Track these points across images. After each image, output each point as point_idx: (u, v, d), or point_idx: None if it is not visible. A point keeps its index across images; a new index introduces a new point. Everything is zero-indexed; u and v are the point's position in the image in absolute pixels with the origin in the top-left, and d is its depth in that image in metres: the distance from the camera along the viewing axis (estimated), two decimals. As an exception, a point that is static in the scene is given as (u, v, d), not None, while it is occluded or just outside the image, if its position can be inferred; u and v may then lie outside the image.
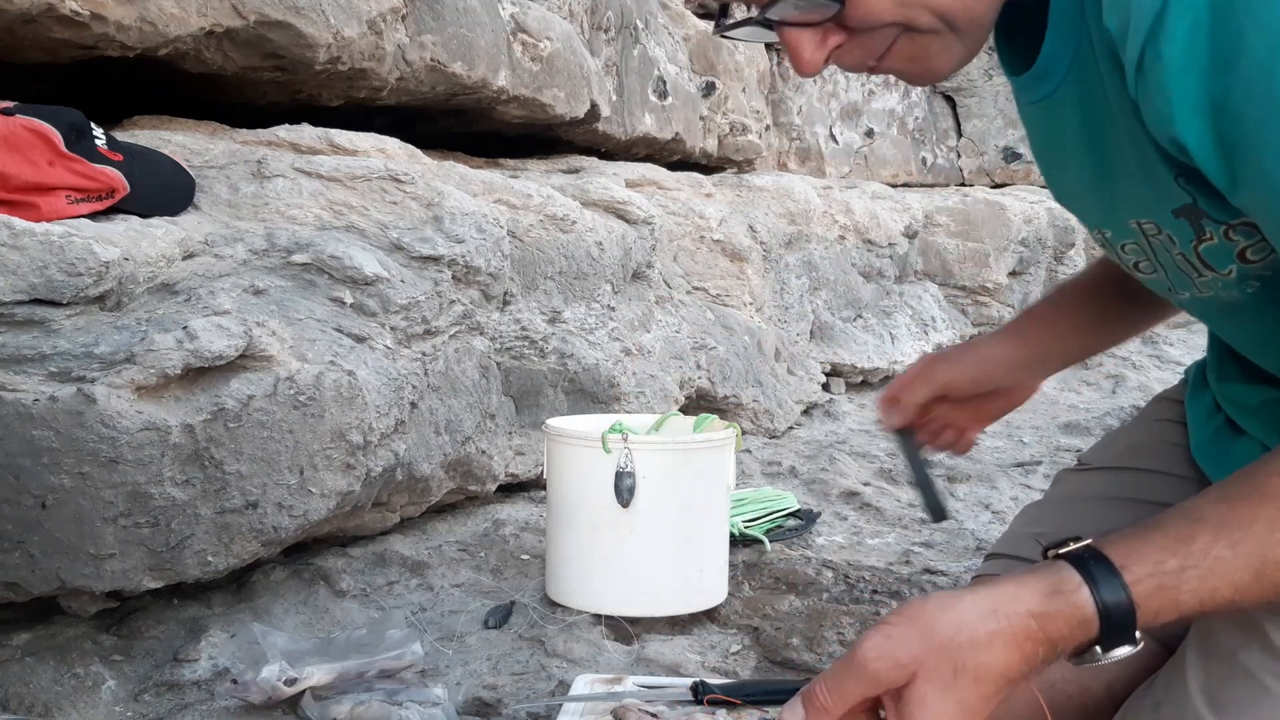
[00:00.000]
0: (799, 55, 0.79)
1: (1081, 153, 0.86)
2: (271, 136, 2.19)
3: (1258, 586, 0.69)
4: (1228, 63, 0.65)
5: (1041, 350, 1.21)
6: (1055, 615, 0.70)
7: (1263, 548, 0.69)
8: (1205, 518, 0.72)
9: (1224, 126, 0.68)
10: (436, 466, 2.07)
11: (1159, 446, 1.06)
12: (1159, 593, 0.70)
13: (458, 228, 2.13)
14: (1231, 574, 0.69)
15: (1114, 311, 1.19)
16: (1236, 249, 0.79)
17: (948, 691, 0.68)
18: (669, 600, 1.85)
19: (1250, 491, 0.72)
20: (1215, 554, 0.70)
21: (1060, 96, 0.83)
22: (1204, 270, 0.83)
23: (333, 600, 1.86)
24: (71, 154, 1.64)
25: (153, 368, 1.49)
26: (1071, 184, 0.92)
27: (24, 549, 1.44)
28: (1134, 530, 0.73)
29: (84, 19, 1.80)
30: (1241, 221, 0.76)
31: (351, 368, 1.76)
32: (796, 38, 0.78)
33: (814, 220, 4.17)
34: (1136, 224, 0.86)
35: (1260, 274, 0.80)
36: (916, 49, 0.79)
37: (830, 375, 4.10)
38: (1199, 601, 0.70)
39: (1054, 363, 1.24)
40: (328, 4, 2.19)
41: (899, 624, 0.71)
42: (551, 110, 3.05)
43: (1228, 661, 0.77)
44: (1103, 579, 0.70)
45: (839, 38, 0.78)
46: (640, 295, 3.02)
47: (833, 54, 0.79)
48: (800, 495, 2.71)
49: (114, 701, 1.50)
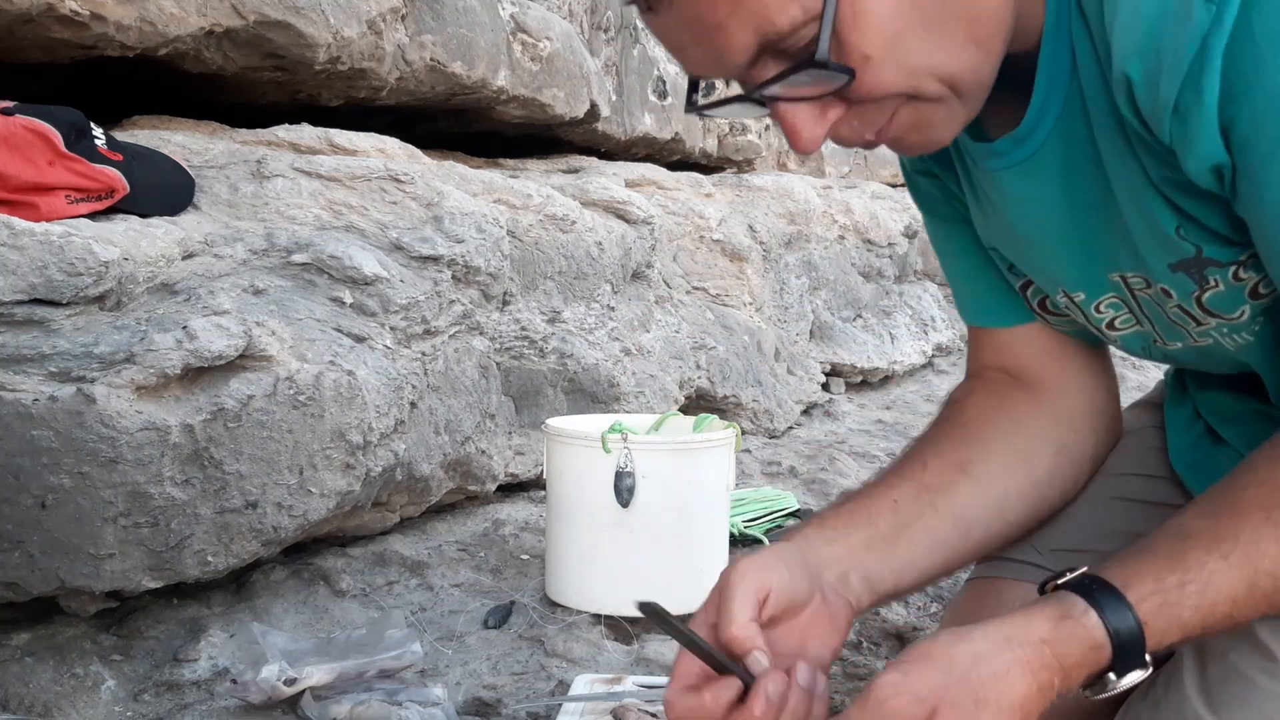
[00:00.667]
0: (798, 132, 0.73)
1: (1057, 213, 0.84)
2: (271, 136, 2.19)
3: (1250, 599, 0.70)
4: (1241, 91, 0.64)
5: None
6: (1068, 639, 0.71)
7: (1252, 558, 0.70)
8: (1193, 534, 0.72)
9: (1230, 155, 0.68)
10: (436, 466, 2.07)
11: (1139, 450, 1.05)
12: (1163, 610, 0.71)
13: (457, 228, 2.14)
14: (1227, 586, 0.70)
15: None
16: (1247, 287, 0.78)
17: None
18: (669, 600, 1.82)
19: (1229, 506, 0.73)
20: (1210, 567, 0.70)
21: (1042, 155, 0.81)
22: (1206, 319, 0.82)
23: (332, 600, 1.86)
24: (71, 154, 1.64)
25: (152, 368, 1.49)
26: (1039, 249, 0.89)
27: (24, 549, 1.44)
28: (1127, 554, 0.74)
29: (84, 19, 1.80)
30: (1250, 256, 0.75)
31: (351, 367, 1.76)
32: (794, 113, 0.73)
33: (814, 220, 4.17)
34: (1120, 278, 0.85)
35: (1268, 307, 0.79)
36: (919, 118, 0.75)
37: (830, 375, 4.10)
38: (1200, 618, 0.71)
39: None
40: (327, 4, 2.19)
41: (914, 660, 0.71)
42: (551, 110, 3.05)
43: (1221, 662, 0.78)
44: (1107, 602, 0.71)
45: (839, 110, 0.73)
46: (640, 295, 3.02)
47: (832, 127, 0.74)
48: (800, 495, 2.71)
49: (114, 701, 1.50)
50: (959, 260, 1.00)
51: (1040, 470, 0.97)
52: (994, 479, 0.94)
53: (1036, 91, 0.78)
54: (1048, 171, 0.82)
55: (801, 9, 0.67)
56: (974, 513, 0.93)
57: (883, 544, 0.89)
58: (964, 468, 0.94)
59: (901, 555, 0.89)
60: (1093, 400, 1.01)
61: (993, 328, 1.00)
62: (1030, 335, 0.98)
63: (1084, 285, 0.88)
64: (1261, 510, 0.71)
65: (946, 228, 0.99)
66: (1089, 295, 0.89)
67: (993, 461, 0.95)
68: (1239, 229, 0.73)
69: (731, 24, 0.69)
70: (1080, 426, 1.00)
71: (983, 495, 0.94)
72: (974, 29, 0.71)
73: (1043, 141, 0.80)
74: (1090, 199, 0.81)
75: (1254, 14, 0.63)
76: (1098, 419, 1.01)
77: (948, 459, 0.95)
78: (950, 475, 0.93)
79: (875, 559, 0.89)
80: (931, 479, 0.93)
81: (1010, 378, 1.00)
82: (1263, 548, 0.70)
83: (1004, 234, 0.92)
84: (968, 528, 0.92)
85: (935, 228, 1.01)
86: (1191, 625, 0.71)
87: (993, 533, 0.94)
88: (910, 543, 0.90)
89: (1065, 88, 0.77)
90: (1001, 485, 0.95)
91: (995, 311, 0.99)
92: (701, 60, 0.74)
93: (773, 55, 0.70)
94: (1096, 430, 1.01)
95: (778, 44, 0.69)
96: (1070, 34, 0.75)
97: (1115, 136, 0.75)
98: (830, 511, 0.92)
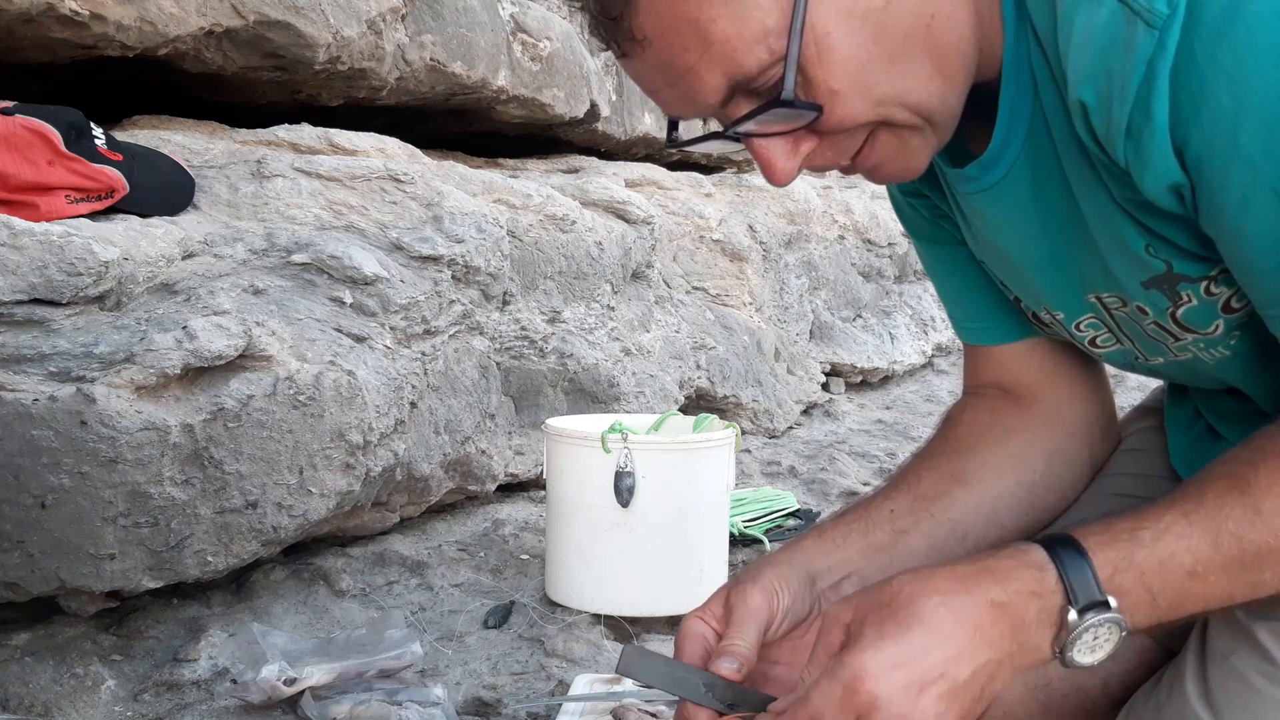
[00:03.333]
0: (771, 166, 0.76)
1: (1031, 236, 0.85)
2: (271, 136, 2.19)
3: (1218, 559, 0.70)
4: (1190, 112, 0.66)
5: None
6: (1005, 559, 0.72)
7: (1215, 518, 0.70)
8: (1158, 503, 0.73)
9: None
10: (436, 466, 2.07)
11: (1139, 452, 1.05)
12: (1112, 545, 0.71)
13: (457, 228, 2.14)
14: (1187, 539, 0.70)
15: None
16: (1220, 301, 0.79)
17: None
18: (669, 600, 1.85)
19: (1196, 480, 0.73)
20: (1169, 519, 0.71)
21: (1011, 179, 0.82)
22: (1183, 334, 0.83)
23: (332, 600, 1.86)
24: (71, 154, 1.64)
25: (152, 368, 1.49)
26: (1018, 270, 0.91)
27: (24, 549, 1.44)
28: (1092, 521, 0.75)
29: (84, 19, 1.80)
30: (1221, 271, 0.76)
31: (351, 367, 1.76)
32: (767, 148, 0.75)
33: (814, 220, 4.17)
34: (1096, 298, 0.86)
35: (1243, 321, 0.80)
36: (898, 142, 0.76)
37: (830, 375, 4.11)
38: (1159, 564, 0.70)
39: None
40: (327, 4, 2.19)
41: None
42: (551, 110, 3.05)
43: (1221, 665, 0.78)
44: (1052, 540, 0.72)
45: (812, 142, 0.75)
46: (640, 295, 3.02)
47: (806, 159, 0.77)
48: (800, 495, 2.71)
49: (114, 701, 1.50)
50: (950, 282, 1.02)
51: (1035, 475, 0.98)
52: (988, 485, 0.96)
53: (1000, 119, 0.80)
54: (1018, 196, 0.83)
55: (767, 51, 0.70)
56: (970, 518, 0.94)
57: (880, 552, 0.91)
58: (959, 477, 0.96)
59: (899, 563, 0.90)
60: (1087, 407, 1.02)
61: (986, 346, 1.02)
62: (1023, 351, 1.00)
63: (1062, 306, 0.90)
64: (1227, 479, 0.72)
65: (936, 249, 1.01)
66: (1068, 315, 0.90)
67: (987, 469, 0.96)
68: (1207, 245, 0.74)
69: (701, 68, 0.71)
70: (1075, 432, 1.01)
71: (978, 501, 0.95)
72: (938, 60, 0.73)
73: (1010, 167, 0.82)
74: (1061, 221, 0.82)
75: (1195, 38, 0.64)
76: (1093, 425, 1.02)
77: (943, 470, 0.97)
78: (946, 485, 0.95)
79: (872, 566, 0.90)
80: (927, 489, 0.95)
81: (1005, 393, 1.01)
82: (1226, 510, 0.70)
83: (988, 253, 0.94)
84: (964, 533, 0.94)
85: (925, 250, 1.03)
86: (1149, 569, 0.70)
87: (989, 538, 0.95)
88: (907, 549, 0.91)
89: (1028, 114, 0.79)
90: (996, 490, 0.96)
91: (988, 330, 1.01)
92: (676, 102, 0.77)
93: (744, 94, 0.73)
94: (1091, 436, 1.02)
95: (747, 85, 0.72)
96: (1030, 62, 0.76)
97: (1079, 160, 0.77)
98: (829, 523, 0.93)
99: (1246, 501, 0.70)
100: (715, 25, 0.70)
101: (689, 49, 0.71)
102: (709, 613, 0.83)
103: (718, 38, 0.70)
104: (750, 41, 0.70)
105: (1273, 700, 0.76)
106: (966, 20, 0.74)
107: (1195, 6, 0.63)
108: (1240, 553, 0.70)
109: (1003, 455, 0.97)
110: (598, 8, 0.73)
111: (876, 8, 0.70)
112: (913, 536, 0.92)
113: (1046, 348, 0.99)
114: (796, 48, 0.69)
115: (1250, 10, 0.62)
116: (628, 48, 0.73)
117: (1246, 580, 0.71)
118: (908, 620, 0.70)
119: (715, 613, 0.83)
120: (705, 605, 0.84)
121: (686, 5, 0.69)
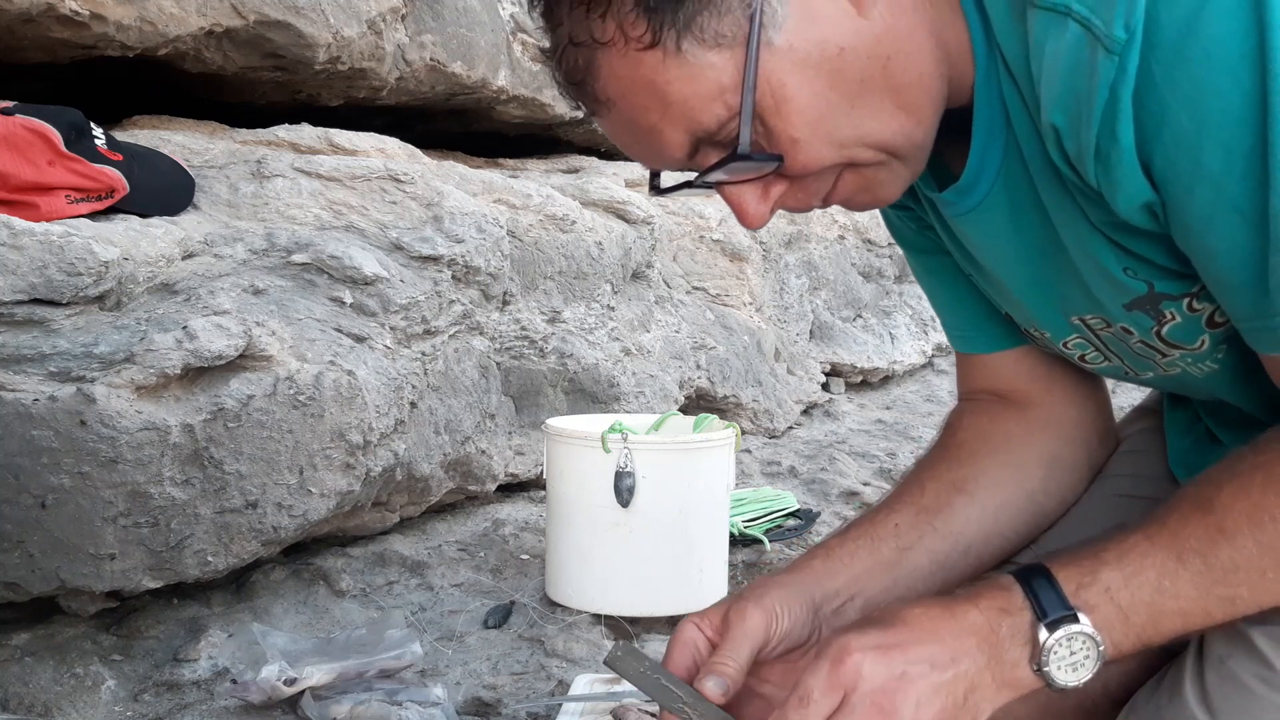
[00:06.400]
0: (744, 210, 0.78)
1: (1013, 259, 0.86)
2: (271, 136, 2.19)
3: (1184, 574, 0.72)
4: (1153, 132, 0.67)
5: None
6: (977, 589, 0.76)
7: (1178, 536, 0.72)
8: (1122, 526, 0.76)
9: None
10: (436, 466, 2.07)
11: (1139, 455, 1.06)
12: (1074, 563, 0.74)
13: (457, 227, 2.14)
14: (1151, 556, 0.72)
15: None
16: (1204, 316, 0.80)
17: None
18: (669, 600, 1.85)
19: (1165, 505, 0.75)
20: (1132, 540, 0.73)
21: (989, 204, 0.83)
22: (1169, 350, 0.84)
23: (332, 600, 1.86)
24: (71, 154, 1.64)
25: (152, 367, 1.49)
26: (1004, 290, 0.91)
27: (24, 549, 1.44)
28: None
29: (84, 19, 1.80)
30: (1201, 287, 0.77)
31: (351, 367, 1.76)
32: (739, 194, 0.77)
33: (813, 220, 4.17)
34: (1080, 320, 0.87)
35: (1229, 335, 0.80)
36: (864, 181, 0.78)
37: (830, 375, 4.11)
38: (1124, 579, 0.72)
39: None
40: (327, 4, 2.19)
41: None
42: (551, 110, 3.05)
43: (1218, 669, 0.79)
44: (1023, 568, 0.75)
45: (781, 187, 0.77)
46: (640, 295, 3.02)
47: (777, 202, 0.79)
48: (800, 495, 2.71)
49: (114, 701, 1.50)
50: (941, 291, 1.03)
51: (1034, 481, 0.99)
52: (989, 494, 0.97)
53: (974, 146, 0.80)
54: (997, 220, 0.84)
55: (725, 106, 0.72)
56: (972, 529, 0.96)
57: (885, 570, 0.93)
58: (959, 486, 0.97)
59: (904, 581, 0.93)
60: (1083, 412, 1.03)
61: (980, 354, 1.03)
62: (1016, 358, 1.01)
63: (1047, 326, 0.91)
64: (1192, 500, 0.74)
65: (926, 259, 1.02)
66: (1054, 335, 0.91)
67: (986, 477, 0.98)
68: (1185, 261, 0.75)
69: (664, 126, 0.74)
70: (1072, 437, 1.02)
71: (979, 511, 0.96)
72: (899, 97, 0.74)
73: (987, 191, 0.82)
74: (1040, 246, 0.83)
75: (1153, 61, 0.65)
76: (1090, 429, 1.03)
77: (943, 480, 0.98)
78: (947, 496, 0.97)
79: (877, 586, 0.92)
80: (929, 501, 0.96)
81: (1000, 399, 1.02)
82: (1189, 529, 0.72)
83: (974, 269, 0.94)
84: (967, 545, 0.96)
85: (914, 259, 1.04)
86: (1115, 585, 0.72)
87: (992, 547, 0.97)
88: (913, 566, 0.93)
89: (1002, 140, 0.79)
90: (996, 499, 0.97)
91: (980, 339, 1.02)
92: (645, 156, 0.80)
93: (710, 145, 0.75)
94: (1089, 440, 1.03)
95: (710, 139, 0.74)
96: (1000, 89, 0.77)
97: (1054, 185, 0.77)
98: (836, 540, 0.95)
99: (1209, 520, 0.72)
100: (671, 86, 0.72)
101: (649, 109, 0.73)
102: (706, 622, 0.84)
103: (675, 98, 0.72)
104: (706, 99, 0.72)
105: (1269, 704, 0.76)
106: (929, 55, 0.75)
107: (1152, 30, 0.64)
108: (1207, 569, 0.72)
109: (1002, 463, 0.98)
110: (561, 74, 0.76)
111: (830, 55, 0.72)
112: (917, 552, 0.94)
113: (1040, 354, 1.00)
114: (750, 102, 0.71)
115: (1205, 33, 0.63)
116: (594, 108, 0.77)
117: (1220, 596, 0.72)
118: (893, 621, 0.75)
119: (713, 623, 0.84)
120: (705, 613, 0.85)
121: (642, 69, 0.71)
